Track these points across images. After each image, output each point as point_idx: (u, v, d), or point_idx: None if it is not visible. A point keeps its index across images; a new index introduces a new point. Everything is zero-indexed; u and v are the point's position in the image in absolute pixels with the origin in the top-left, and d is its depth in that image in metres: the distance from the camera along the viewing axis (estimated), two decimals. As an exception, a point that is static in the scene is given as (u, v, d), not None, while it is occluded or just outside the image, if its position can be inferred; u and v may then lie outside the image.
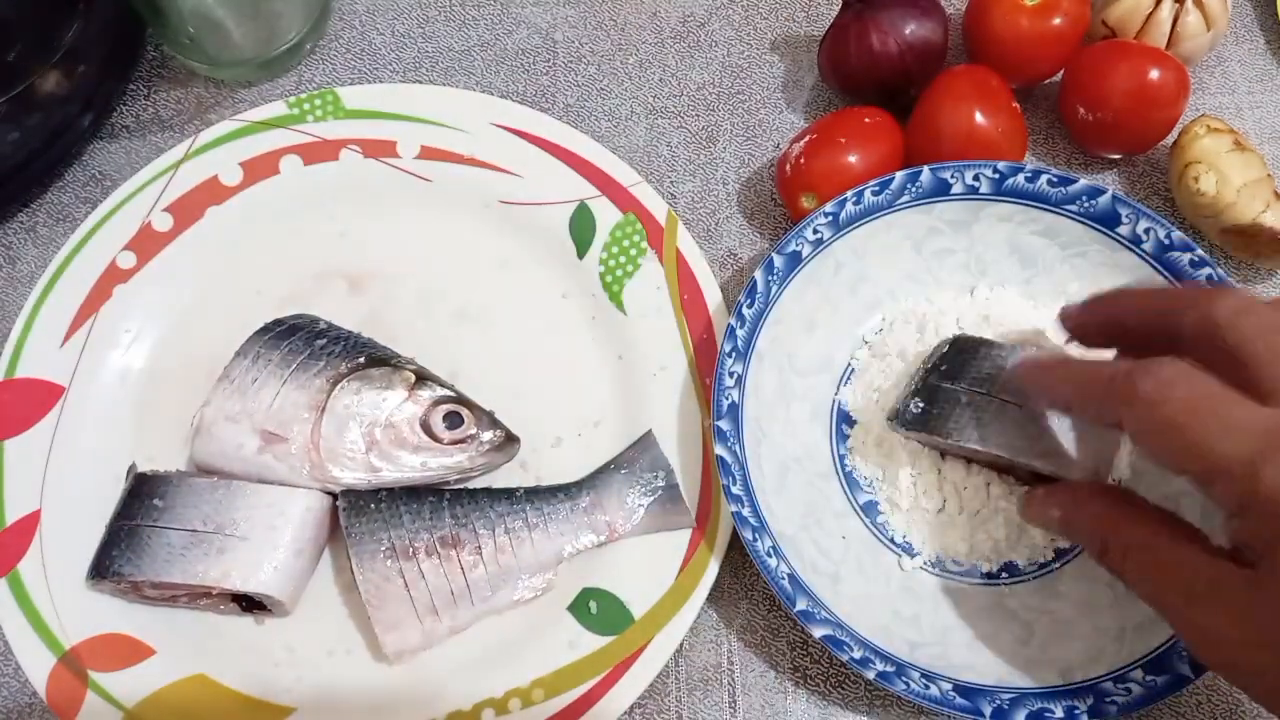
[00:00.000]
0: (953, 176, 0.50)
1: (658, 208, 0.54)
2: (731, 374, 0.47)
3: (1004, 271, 0.52)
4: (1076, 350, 0.45)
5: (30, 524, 0.48)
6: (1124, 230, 0.49)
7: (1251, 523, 0.34)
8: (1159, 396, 0.35)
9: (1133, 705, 0.42)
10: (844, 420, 0.50)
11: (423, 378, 0.49)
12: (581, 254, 0.54)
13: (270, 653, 0.47)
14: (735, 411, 0.47)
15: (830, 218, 0.49)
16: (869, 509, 0.49)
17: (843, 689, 0.47)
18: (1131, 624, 0.45)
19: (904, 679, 0.43)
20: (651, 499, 0.48)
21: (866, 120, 0.53)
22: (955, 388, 0.45)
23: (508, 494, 0.48)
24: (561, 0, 0.62)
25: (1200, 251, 0.48)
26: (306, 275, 0.54)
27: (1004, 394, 0.44)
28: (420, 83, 0.60)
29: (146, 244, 0.53)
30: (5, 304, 0.55)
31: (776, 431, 0.49)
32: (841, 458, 0.50)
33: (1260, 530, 0.34)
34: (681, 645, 0.48)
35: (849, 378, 0.51)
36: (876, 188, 0.50)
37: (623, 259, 0.53)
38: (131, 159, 0.58)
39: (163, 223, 0.54)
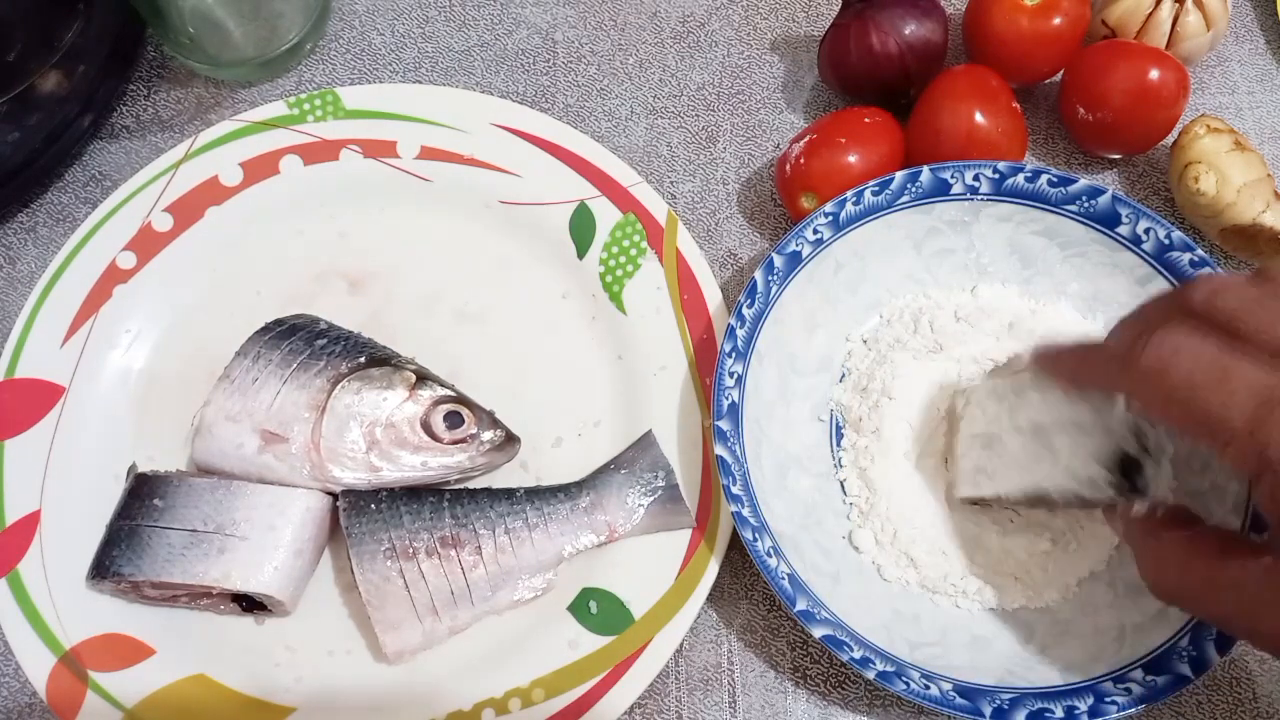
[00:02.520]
0: (953, 176, 0.50)
1: (658, 208, 0.54)
2: (731, 374, 0.47)
3: (1004, 271, 0.52)
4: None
5: (30, 524, 0.48)
6: (1124, 230, 0.49)
7: (1266, 487, 0.33)
8: (1161, 366, 0.34)
9: (1133, 705, 0.42)
10: (844, 420, 0.50)
11: (423, 377, 0.49)
12: (581, 254, 0.54)
13: (270, 653, 0.47)
14: (735, 411, 0.47)
15: (830, 218, 0.49)
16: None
17: (843, 689, 0.47)
18: (1131, 624, 0.45)
19: (904, 679, 0.43)
20: (651, 499, 0.48)
21: (866, 120, 0.53)
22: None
23: (508, 494, 0.48)
24: (561, 0, 0.62)
25: (1200, 251, 0.48)
26: (306, 275, 0.54)
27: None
28: (420, 83, 0.60)
29: (146, 244, 0.53)
30: (5, 304, 0.55)
31: (776, 431, 0.49)
32: (840, 458, 0.50)
33: (1275, 493, 0.32)
34: (681, 645, 0.48)
35: (846, 377, 0.51)
36: (876, 188, 0.50)
37: (623, 259, 0.53)
38: (131, 159, 0.58)
39: (163, 223, 0.54)
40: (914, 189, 0.50)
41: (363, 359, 0.49)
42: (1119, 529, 0.41)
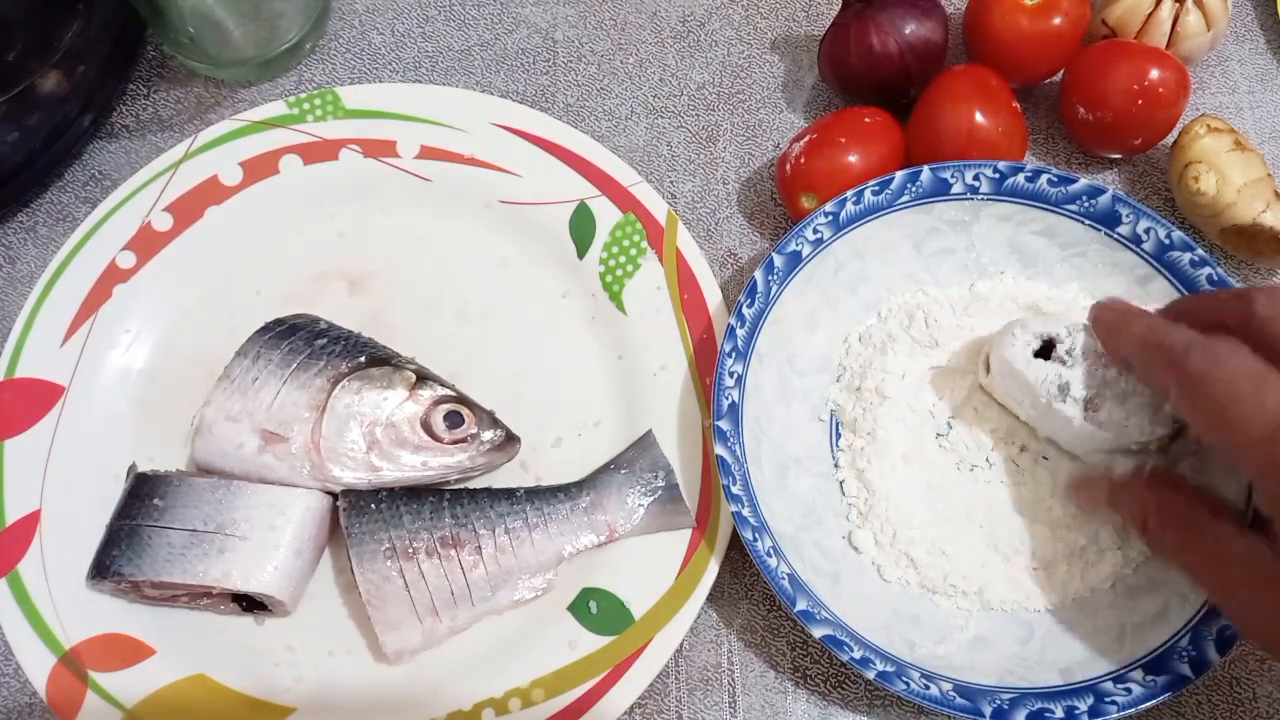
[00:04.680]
0: (953, 176, 0.50)
1: (658, 208, 0.54)
2: (731, 374, 0.47)
3: (1004, 271, 0.51)
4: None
5: (30, 524, 0.48)
6: (1124, 230, 0.49)
7: (1270, 487, 0.37)
8: (1206, 370, 0.38)
9: (1133, 705, 0.42)
10: (841, 420, 0.50)
11: (423, 377, 0.49)
12: (581, 254, 0.54)
13: (270, 653, 0.47)
14: (735, 411, 0.47)
15: (830, 217, 0.49)
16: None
17: (843, 689, 0.47)
18: (1131, 624, 0.45)
19: (904, 679, 0.43)
20: (651, 499, 0.48)
21: (866, 120, 0.53)
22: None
23: (508, 494, 0.48)
24: (561, 0, 0.62)
25: (1200, 251, 0.48)
26: (306, 275, 0.54)
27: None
28: (420, 82, 0.60)
29: (146, 244, 0.53)
30: (5, 304, 0.55)
31: (776, 431, 0.49)
32: (838, 458, 0.50)
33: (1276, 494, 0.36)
34: (681, 645, 0.48)
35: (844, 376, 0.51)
36: (876, 188, 0.50)
37: (623, 259, 0.53)
38: (131, 159, 0.58)
39: (163, 223, 0.54)
40: (914, 189, 0.50)
41: (363, 359, 0.49)
42: (1099, 490, 0.44)
